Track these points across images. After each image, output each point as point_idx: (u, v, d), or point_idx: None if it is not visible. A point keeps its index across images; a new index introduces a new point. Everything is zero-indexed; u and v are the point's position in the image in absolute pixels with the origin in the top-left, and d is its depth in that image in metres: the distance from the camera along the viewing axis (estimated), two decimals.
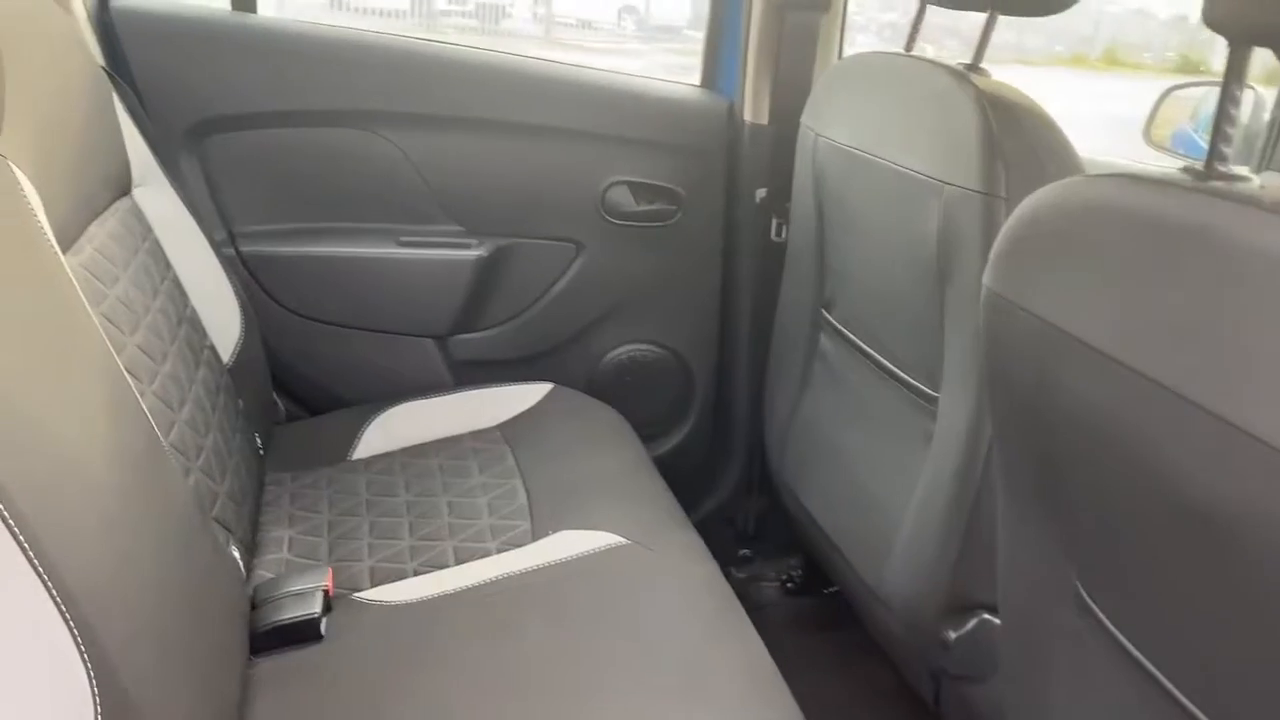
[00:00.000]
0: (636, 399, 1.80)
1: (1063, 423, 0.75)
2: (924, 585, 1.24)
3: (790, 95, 1.61)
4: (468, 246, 1.67)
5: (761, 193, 1.69)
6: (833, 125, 1.40)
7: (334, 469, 1.50)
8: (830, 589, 1.81)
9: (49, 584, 0.70)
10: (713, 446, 1.89)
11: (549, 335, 1.75)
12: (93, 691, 0.72)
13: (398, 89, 1.60)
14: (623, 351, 1.80)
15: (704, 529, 1.32)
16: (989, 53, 1.25)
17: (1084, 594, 0.82)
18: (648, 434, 1.79)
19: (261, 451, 1.50)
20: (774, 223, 1.69)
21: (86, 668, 0.72)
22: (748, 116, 1.68)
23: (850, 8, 1.70)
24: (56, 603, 0.71)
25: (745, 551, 1.90)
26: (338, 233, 1.64)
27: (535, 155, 1.66)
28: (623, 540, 1.23)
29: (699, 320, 1.83)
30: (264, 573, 1.28)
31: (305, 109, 1.58)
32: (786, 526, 1.67)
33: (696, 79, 1.79)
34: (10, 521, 0.69)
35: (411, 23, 9.89)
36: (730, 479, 1.86)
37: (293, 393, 1.71)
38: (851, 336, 1.43)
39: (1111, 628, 0.78)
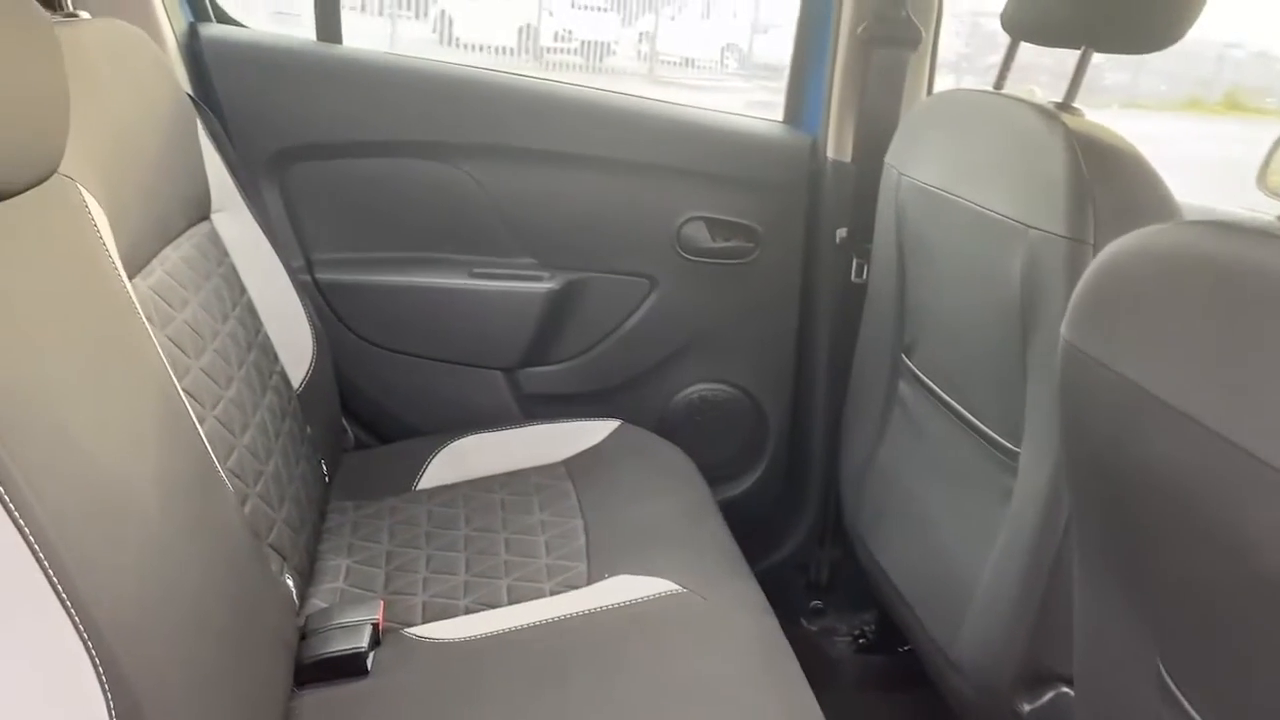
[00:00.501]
0: (706, 440, 1.75)
1: (1142, 486, 0.68)
2: (998, 652, 1.16)
3: (875, 132, 1.56)
4: (540, 279, 1.66)
5: (842, 232, 1.64)
6: (917, 164, 1.35)
7: (398, 499, 1.49)
8: (905, 647, 1.73)
9: (73, 613, 0.69)
10: (785, 492, 1.83)
11: (619, 371, 1.72)
12: None
13: (475, 121, 1.60)
14: (694, 391, 1.76)
15: (773, 577, 1.27)
16: (1092, 95, 1.19)
17: (1166, 677, 0.74)
18: (716, 476, 1.74)
19: (327, 478, 1.50)
20: (854, 263, 1.64)
21: (108, 703, 0.70)
22: (830, 153, 1.64)
23: (948, 45, 1.65)
24: (80, 633, 0.70)
25: (817, 603, 1.83)
26: (412, 262, 1.64)
27: (611, 189, 1.64)
28: (678, 588, 1.19)
29: (774, 361, 1.78)
30: (318, 602, 1.27)
31: (385, 139, 1.59)
32: (861, 579, 1.60)
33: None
34: (38, 550, 0.68)
35: (518, 60, 10.10)
36: (802, 527, 1.80)
37: (362, 420, 1.71)
38: (931, 384, 1.37)
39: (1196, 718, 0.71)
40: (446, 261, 1.64)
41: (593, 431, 1.59)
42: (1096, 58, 1.14)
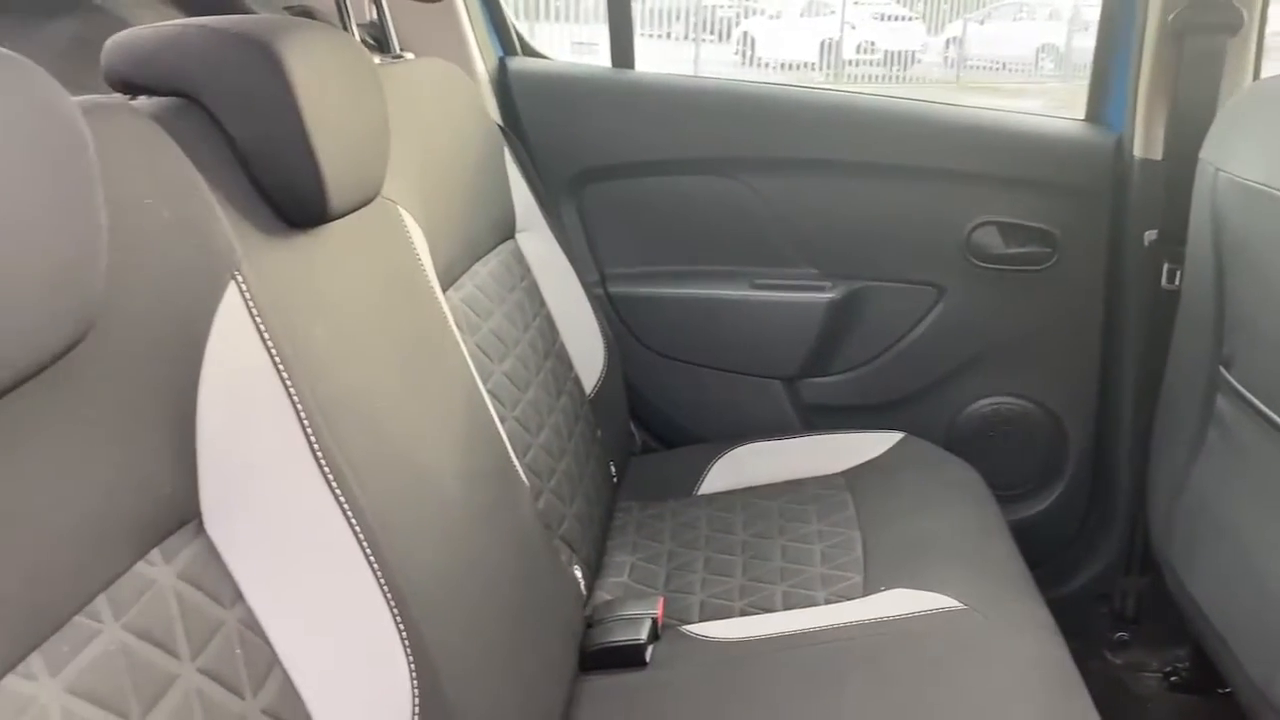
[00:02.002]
0: (998, 457, 1.67)
1: None
2: None
3: (1188, 127, 1.43)
4: (822, 289, 1.66)
5: (1152, 234, 1.51)
6: (1238, 159, 1.23)
7: (679, 502, 1.55)
8: (1225, 689, 1.56)
9: (383, 583, 0.78)
10: (1087, 515, 1.71)
11: (903, 383, 1.69)
12: (413, 688, 0.79)
13: (759, 135, 1.63)
14: (985, 404, 1.69)
15: (1071, 605, 1.19)
16: None
17: None
18: (1009, 495, 1.66)
19: (615, 479, 1.59)
20: (1165, 268, 1.51)
21: (409, 665, 0.79)
22: (1137, 151, 1.52)
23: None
24: (388, 602, 0.78)
25: (1123, 635, 1.70)
26: (697, 275, 1.70)
27: (896, 196, 1.62)
28: (958, 605, 1.15)
29: (1075, 374, 1.67)
30: (604, 594, 1.34)
31: (674, 158, 1.66)
32: (1173, 610, 1.47)
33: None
34: (357, 529, 0.78)
35: (819, 75, 10.09)
36: (1106, 552, 1.68)
37: (648, 426, 1.79)
38: (1255, 401, 1.23)
39: None
40: (731, 273, 1.69)
41: (874, 443, 1.57)
42: None
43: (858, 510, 1.42)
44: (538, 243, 1.54)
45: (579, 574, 1.30)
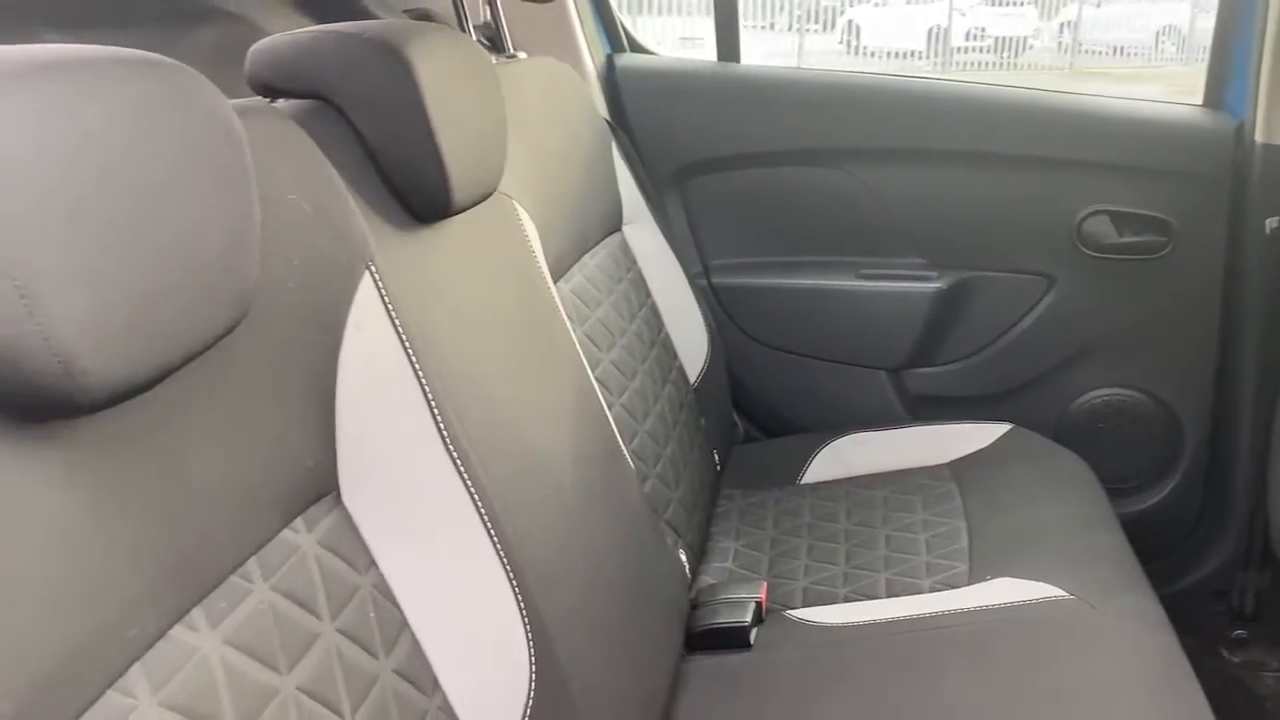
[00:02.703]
0: (1109, 450, 1.64)
1: None
2: None
3: None
4: (928, 279, 1.65)
5: (1273, 222, 1.47)
6: None
7: (782, 491, 1.56)
8: None
9: (503, 557, 0.83)
10: (1203, 509, 1.67)
11: (1011, 374, 1.67)
12: (530, 656, 0.83)
13: (864, 125, 1.63)
14: (1096, 396, 1.66)
15: (1184, 602, 1.17)
16: None
17: None
18: (1120, 489, 1.63)
19: (719, 468, 1.61)
20: None
21: (527, 635, 0.83)
22: (1259, 137, 1.47)
23: None
24: (508, 574, 0.83)
25: (1240, 632, 1.65)
26: (801, 265, 1.71)
27: (1005, 184, 1.60)
28: (1065, 595, 1.14)
29: (1190, 366, 1.63)
30: (708, 578, 1.37)
31: (778, 149, 1.68)
32: None
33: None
34: (478, 501, 0.82)
35: (927, 63, 9.90)
36: (1223, 548, 1.63)
37: (751, 415, 1.81)
38: None
39: None
40: (835, 264, 1.69)
41: (981, 434, 1.56)
42: None
43: (964, 501, 1.42)
44: (644, 235, 1.58)
45: (683, 558, 1.33)
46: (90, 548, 0.52)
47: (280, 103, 0.88)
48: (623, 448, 1.20)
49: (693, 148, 1.71)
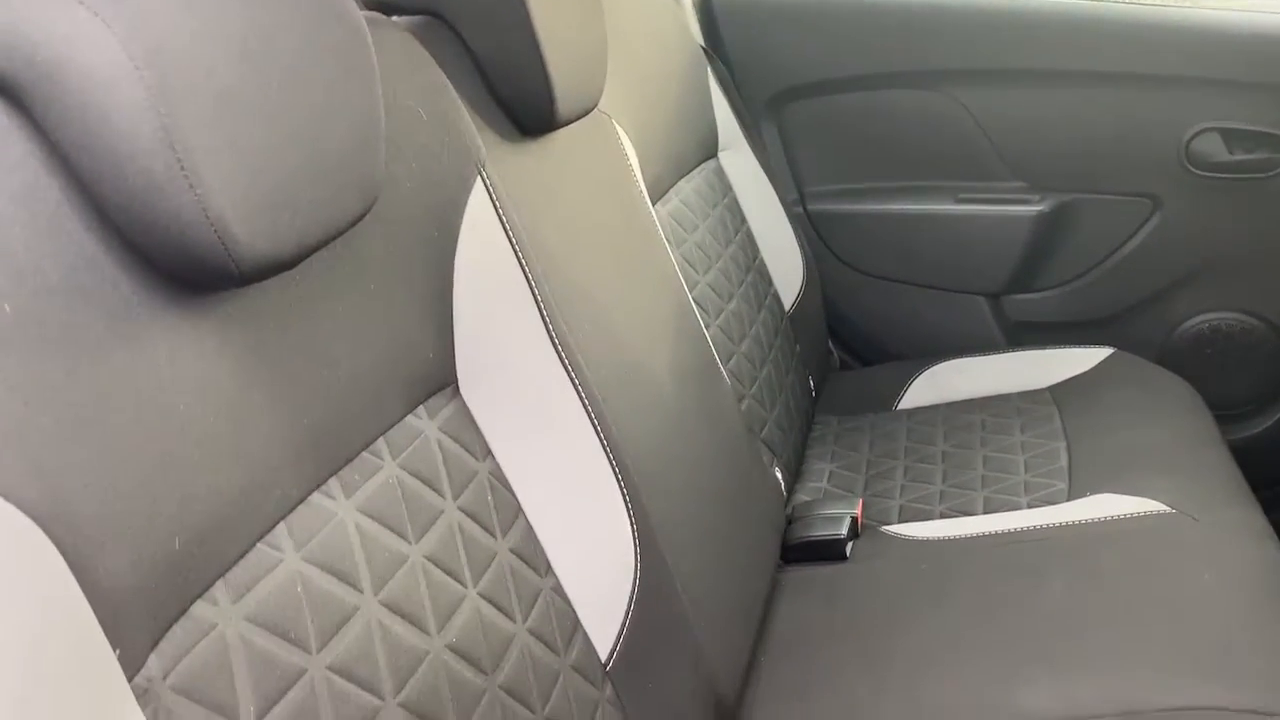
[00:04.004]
0: (1217, 375, 1.60)
1: None
2: None
3: None
4: (1028, 202, 1.62)
5: None
6: None
7: (878, 416, 1.57)
8: None
9: (609, 455, 0.86)
10: None
11: (1114, 299, 1.64)
12: (635, 550, 0.87)
13: (962, 47, 1.60)
14: (1203, 321, 1.62)
15: None
16: None
17: None
18: (1227, 416, 1.60)
19: (814, 394, 1.63)
20: None
21: (632, 529, 0.87)
22: None
23: None
24: (614, 471, 0.87)
25: None
26: (899, 191, 1.70)
27: (1108, 103, 1.56)
28: (1167, 509, 1.14)
29: None
30: (803, 496, 1.39)
31: (875, 73, 1.66)
32: None
33: None
34: (585, 402, 0.86)
35: None
36: None
37: (846, 344, 1.81)
38: None
39: None
40: (933, 188, 1.68)
41: (1082, 359, 1.54)
42: None
43: (1064, 423, 1.41)
44: (739, 162, 1.58)
45: (779, 475, 1.35)
46: (239, 413, 0.57)
47: (396, 18, 0.92)
48: (720, 366, 1.22)
49: (788, 73, 1.70)
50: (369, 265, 0.70)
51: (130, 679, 0.48)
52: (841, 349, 1.82)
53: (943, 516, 1.28)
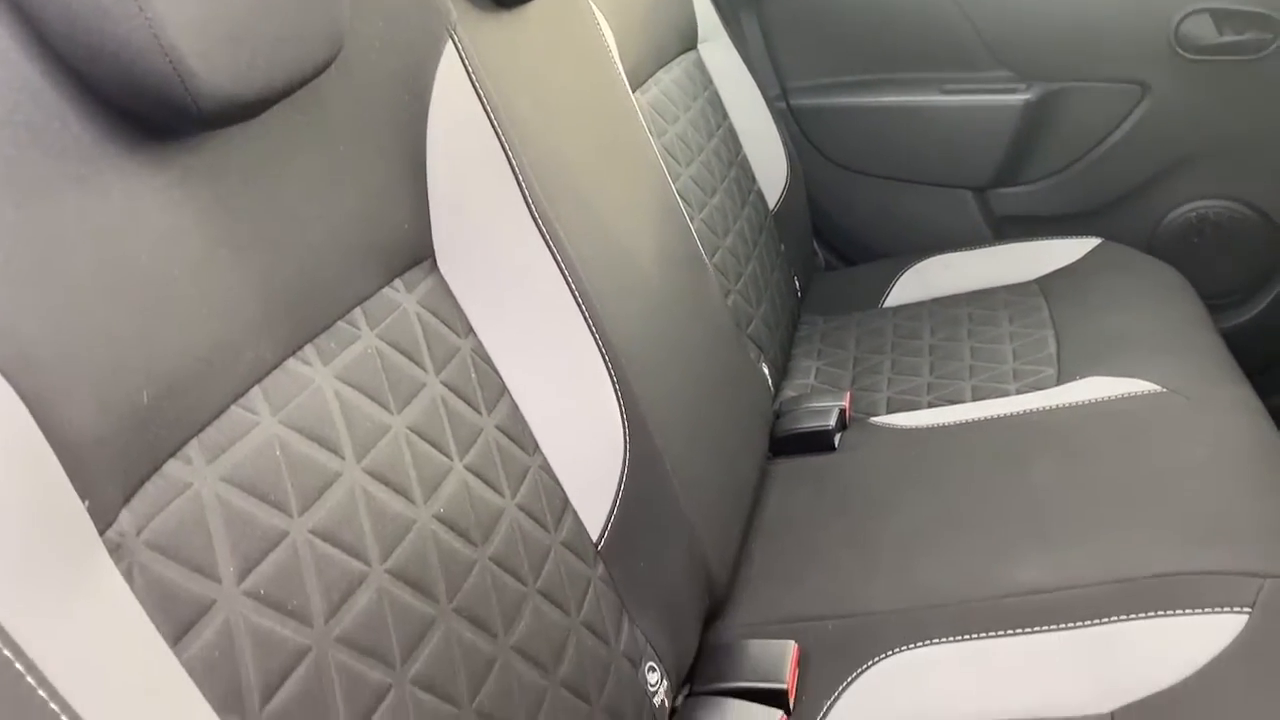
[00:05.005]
0: (1206, 264, 1.59)
1: None
2: None
3: None
4: (1014, 91, 1.59)
5: None
6: None
7: (865, 314, 1.55)
8: None
9: (595, 334, 0.84)
10: None
11: (1102, 190, 1.61)
12: (624, 430, 0.85)
13: None
14: (1191, 209, 1.60)
15: (1278, 421, 1.13)
16: None
17: None
18: (1216, 304, 1.59)
19: (800, 294, 1.61)
20: None
21: (620, 409, 0.85)
22: None
23: None
24: (600, 350, 0.84)
25: None
26: (883, 83, 1.66)
27: None
28: (1158, 388, 1.13)
29: None
30: (790, 393, 1.38)
31: None
32: None
33: None
34: (570, 280, 0.83)
35: None
36: None
37: (832, 244, 1.79)
38: None
39: None
40: (917, 80, 1.64)
41: (1070, 249, 1.52)
42: None
43: (1052, 312, 1.39)
44: (719, 54, 1.54)
45: (766, 372, 1.34)
46: (206, 270, 0.54)
47: None
48: (705, 258, 1.20)
49: None
50: (337, 125, 0.66)
51: (102, 532, 0.46)
52: (826, 249, 1.79)
53: (931, 406, 1.27)
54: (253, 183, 0.59)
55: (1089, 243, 1.52)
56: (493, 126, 0.80)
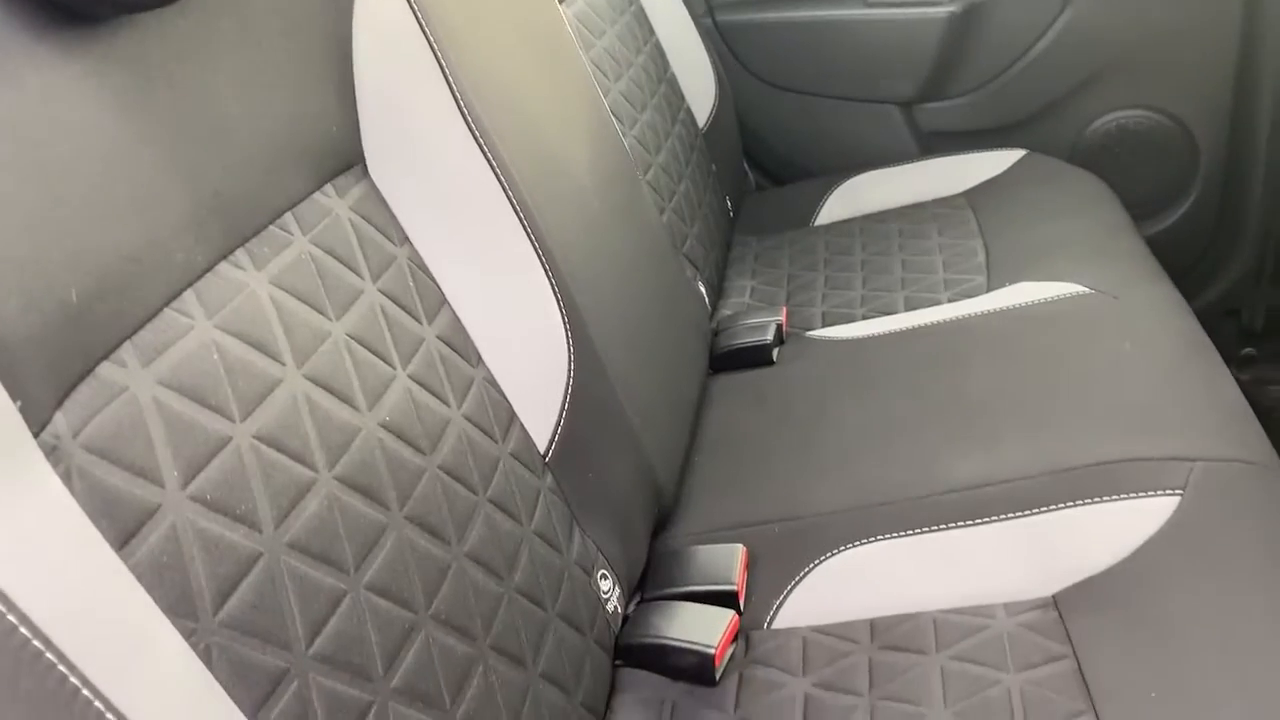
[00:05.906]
0: (1126, 173, 1.62)
1: None
2: None
3: None
4: (938, 4, 1.59)
5: None
6: None
7: (797, 233, 1.56)
8: None
9: (534, 242, 0.82)
10: (1217, 229, 1.67)
11: (1026, 101, 1.63)
12: (568, 340, 0.84)
13: None
14: (1111, 119, 1.63)
15: (1201, 320, 1.16)
16: None
17: None
18: (1137, 213, 1.61)
19: (732, 215, 1.60)
20: None
21: (563, 319, 0.84)
22: None
23: None
24: (540, 259, 0.83)
25: (1250, 350, 1.68)
26: None
27: None
28: (1087, 290, 1.15)
29: (1208, 84, 1.58)
30: (726, 311, 1.38)
31: None
32: None
33: None
34: (507, 189, 0.81)
35: None
36: (1236, 267, 1.64)
37: (762, 164, 1.78)
38: None
39: None
40: None
41: (996, 161, 1.54)
42: None
43: (980, 223, 1.41)
44: None
45: (703, 291, 1.33)
46: (129, 168, 0.51)
47: None
48: (638, 174, 1.18)
49: None
50: (260, 24, 0.63)
51: (36, 434, 0.43)
52: (757, 171, 1.79)
53: (865, 319, 1.28)
54: (174, 78, 0.56)
55: (1014, 154, 1.53)
56: (422, 30, 0.77)
